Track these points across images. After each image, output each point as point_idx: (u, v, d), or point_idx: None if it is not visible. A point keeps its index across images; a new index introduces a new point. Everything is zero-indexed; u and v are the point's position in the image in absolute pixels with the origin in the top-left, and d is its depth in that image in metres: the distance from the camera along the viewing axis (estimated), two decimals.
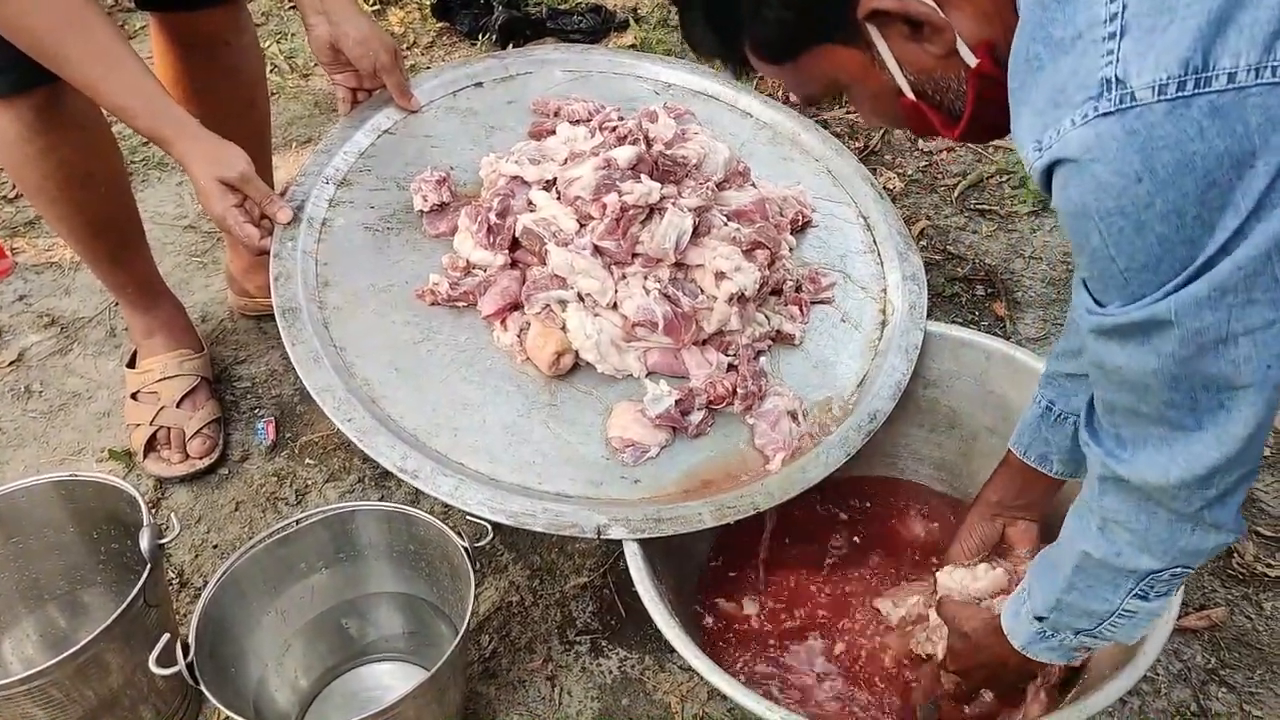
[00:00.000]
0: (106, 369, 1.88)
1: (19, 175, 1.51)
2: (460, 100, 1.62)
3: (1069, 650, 1.04)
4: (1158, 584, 0.93)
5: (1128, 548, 0.91)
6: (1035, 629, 1.04)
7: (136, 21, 2.98)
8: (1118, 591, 0.95)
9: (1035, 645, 1.06)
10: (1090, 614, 0.98)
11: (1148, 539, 0.89)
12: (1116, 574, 0.94)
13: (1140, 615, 0.97)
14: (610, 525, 1.16)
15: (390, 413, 1.23)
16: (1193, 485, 0.82)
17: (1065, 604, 0.99)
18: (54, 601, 1.41)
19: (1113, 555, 0.92)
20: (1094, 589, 0.96)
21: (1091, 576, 0.96)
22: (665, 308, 1.29)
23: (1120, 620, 0.97)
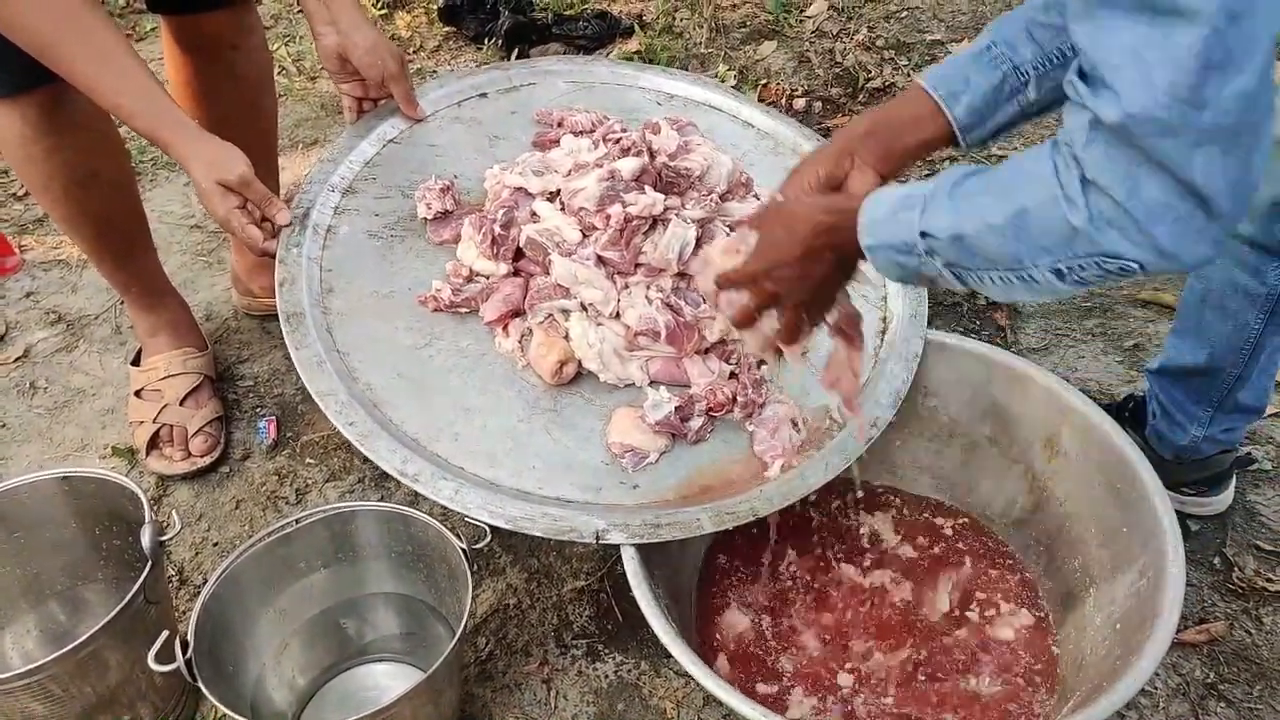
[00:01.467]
0: (111, 366, 1.89)
1: (25, 174, 1.52)
2: (465, 110, 1.63)
3: (915, 273, 0.95)
4: (1093, 269, 0.83)
5: (1100, 215, 0.81)
6: (908, 239, 0.92)
7: (147, 23, 2.99)
8: (1046, 253, 0.85)
9: (887, 252, 0.95)
10: (991, 260, 0.88)
11: (1129, 211, 0.79)
12: (1065, 238, 0.83)
13: (1035, 287, 0.88)
14: (609, 530, 1.17)
15: (392, 417, 1.23)
16: (1184, 96, 0.73)
17: (977, 239, 0.89)
18: (55, 597, 1.41)
19: (1083, 219, 0.81)
20: (1024, 241, 0.86)
21: (1035, 228, 0.85)
22: (668, 317, 1.30)
23: (1012, 280, 0.89)
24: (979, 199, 0.90)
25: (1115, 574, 1.27)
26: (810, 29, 2.83)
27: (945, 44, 2.73)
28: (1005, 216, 0.87)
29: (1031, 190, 0.85)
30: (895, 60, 2.69)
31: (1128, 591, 1.23)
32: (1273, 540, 1.55)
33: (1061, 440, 1.38)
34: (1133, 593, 1.22)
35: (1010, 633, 1.35)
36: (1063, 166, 0.83)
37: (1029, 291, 0.89)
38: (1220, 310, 1.37)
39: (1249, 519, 1.57)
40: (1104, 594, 1.28)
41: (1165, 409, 1.50)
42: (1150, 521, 1.23)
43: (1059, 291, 0.87)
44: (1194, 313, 1.41)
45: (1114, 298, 1.98)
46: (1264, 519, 1.58)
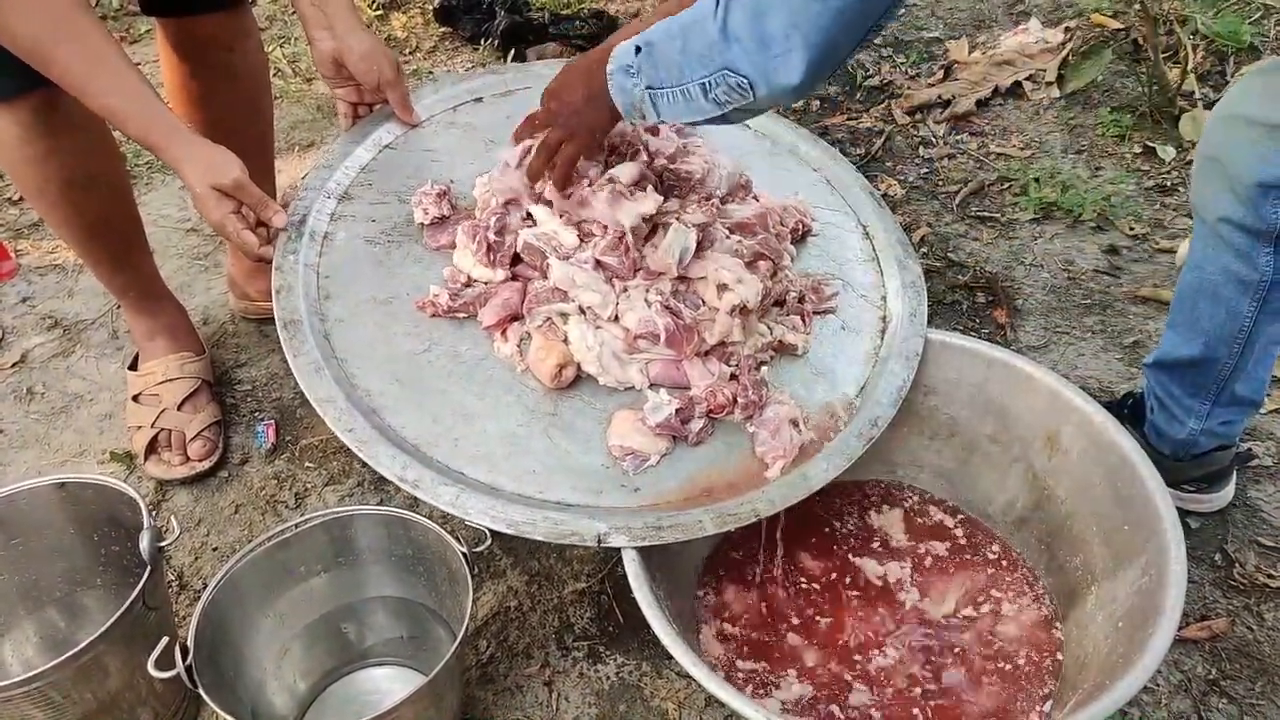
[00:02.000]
0: (108, 371, 1.89)
1: (19, 178, 1.51)
2: (460, 115, 1.62)
3: (631, 100, 1.11)
4: (721, 85, 1.01)
5: (730, 30, 0.98)
6: (629, 61, 1.10)
7: (142, 25, 2.99)
8: (698, 69, 1.02)
9: (617, 77, 1.12)
10: (665, 70, 1.06)
11: (747, 36, 0.97)
12: (706, 50, 1.01)
13: (691, 104, 1.05)
14: (611, 533, 1.17)
15: (391, 423, 1.23)
16: None
17: (658, 48, 1.06)
18: (54, 603, 1.41)
19: (716, 29, 1.00)
20: (687, 53, 1.03)
21: (692, 39, 1.03)
22: (667, 320, 1.29)
23: (677, 97, 1.05)
24: (679, 17, 1.06)
25: (1117, 571, 1.27)
26: None
27: (943, 41, 2.73)
28: (678, 26, 1.05)
29: (700, 4, 1.03)
30: (893, 58, 2.69)
31: (1129, 589, 1.23)
32: (1274, 536, 1.54)
33: (1062, 438, 1.38)
34: (1134, 590, 1.22)
35: (1012, 631, 1.35)
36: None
37: (687, 108, 1.06)
38: (1213, 299, 1.37)
39: (1250, 515, 1.57)
40: (1105, 592, 1.28)
41: (1162, 403, 1.50)
42: (1151, 519, 1.23)
43: (704, 109, 1.04)
44: (1188, 303, 1.42)
45: (1113, 295, 1.99)
46: (1265, 515, 1.58)
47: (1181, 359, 1.44)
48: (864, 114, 2.51)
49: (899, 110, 2.49)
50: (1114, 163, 2.32)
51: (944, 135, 2.42)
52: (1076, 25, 2.66)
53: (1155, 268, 2.04)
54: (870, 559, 1.44)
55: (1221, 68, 2.48)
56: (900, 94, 2.55)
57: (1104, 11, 2.69)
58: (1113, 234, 2.13)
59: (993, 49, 2.62)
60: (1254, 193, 1.26)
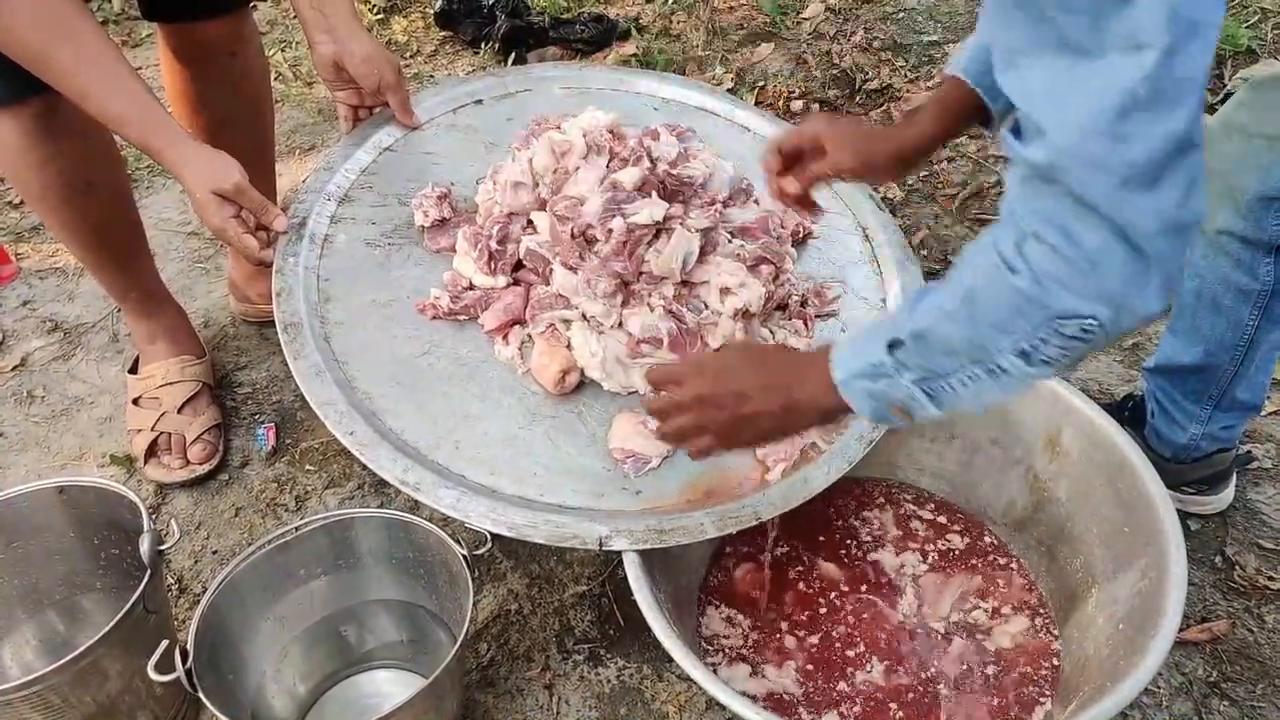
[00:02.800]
0: (109, 374, 1.89)
1: (21, 183, 1.51)
2: (460, 117, 1.63)
3: (886, 404, 0.92)
4: (1054, 338, 0.80)
5: (1043, 272, 0.78)
6: (876, 360, 0.91)
7: (143, 30, 2.99)
8: (1004, 333, 0.82)
9: (859, 381, 0.93)
10: (953, 354, 0.86)
11: (1070, 259, 0.76)
12: (1015, 307, 0.81)
13: (1008, 378, 0.84)
14: (612, 536, 1.16)
15: (392, 426, 1.23)
16: (1104, 129, 0.71)
17: (936, 331, 0.87)
18: (53, 607, 1.41)
19: (1026, 279, 0.79)
20: (978, 324, 0.84)
21: (986, 304, 0.83)
22: (670, 324, 1.29)
23: (981, 376, 0.86)
24: (934, 295, 0.89)
25: (1117, 574, 1.27)
26: (807, 31, 2.84)
27: (942, 44, 2.73)
28: (957, 301, 0.86)
29: (976, 267, 0.85)
30: (892, 62, 2.69)
31: (1130, 591, 1.23)
32: (1274, 539, 1.54)
33: (1062, 440, 1.38)
34: (1135, 592, 1.22)
35: (1012, 633, 1.35)
36: (1001, 233, 0.82)
37: (1000, 386, 0.86)
38: (1214, 307, 1.37)
39: (1250, 518, 1.57)
40: (1106, 594, 1.28)
41: (1163, 407, 1.50)
42: (1151, 521, 1.23)
43: (1028, 377, 0.84)
44: (1188, 310, 1.41)
45: None
46: (1265, 517, 1.58)
47: (1182, 365, 1.44)
48: (863, 117, 2.51)
49: (898, 113, 2.49)
50: None
51: None
52: None
53: None
54: (870, 560, 1.44)
55: (1219, 71, 2.48)
56: (899, 97, 2.55)
57: None
58: None
59: None
60: (1256, 205, 1.26)
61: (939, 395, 0.90)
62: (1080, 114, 0.72)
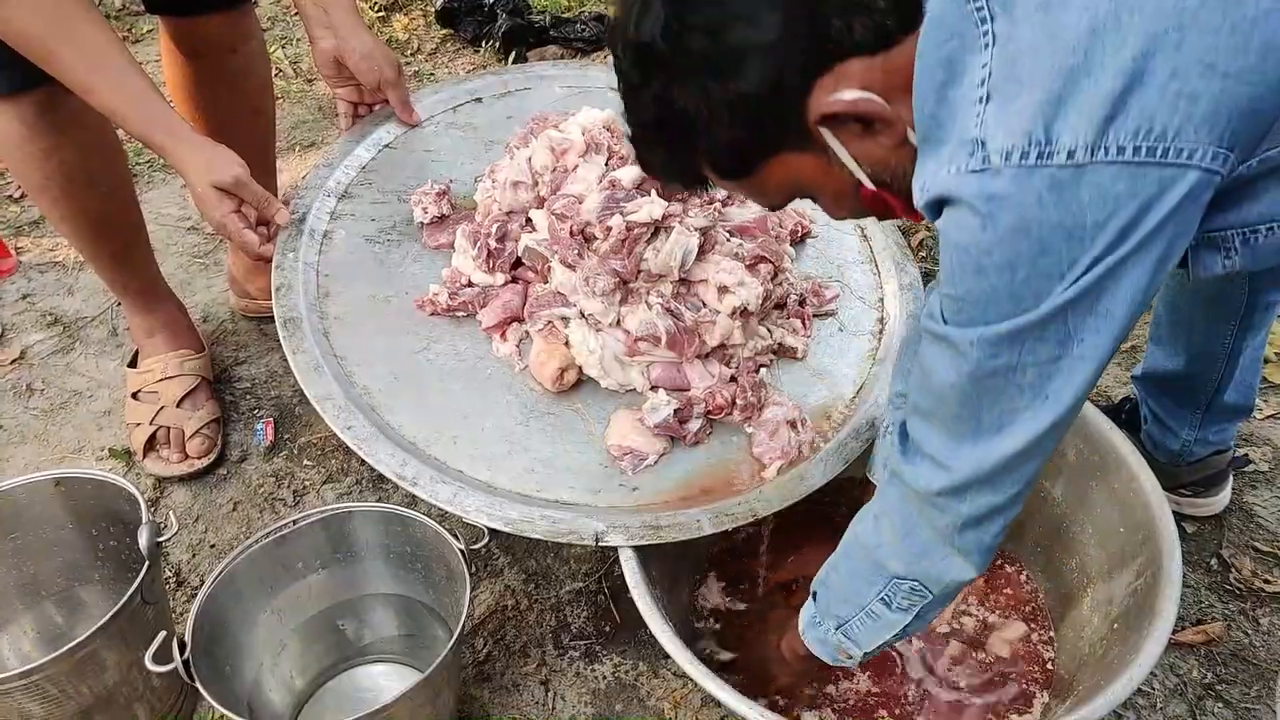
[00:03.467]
0: (108, 368, 1.89)
1: (22, 175, 1.51)
2: (460, 115, 1.63)
3: (831, 646, 1.09)
4: (898, 594, 0.99)
5: (886, 544, 0.98)
6: (811, 612, 1.10)
7: (144, 25, 3.00)
8: (871, 587, 1.01)
9: (809, 631, 1.11)
10: (847, 601, 1.04)
11: (904, 542, 0.96)
12: (872, 567, 1.00)
13: (881, 622, 1.02)
14: (609, 532, 1.17)
15: (390, 421, 1.23)
16: (949, 494, 0.89)
17: (831, 584, 1.07)
18: (51, 598, 1.41)
19: (873, 545, 1.00)
20: (855, 576, 1.03)
21: (855, 561, 1.03)
22: (668, 322, 1.30)
23: (865, 620, 1.03)
24: (839, 550, 1.08)
25: (1113, 574, 1.28)
26: None
27: None
28: (838, 555, 1.07)
29: (855, 527, 1.05)
30: None
31: (1125, 591, 1.23)
32: (1269, 541, 1.55)
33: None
34: (1130, 593, 1.22)
35: (1007, 632, 1.36)
36: (872, 507, 1.02)
37: (882, 626, 1.03)
38: (1189, 325, 1.38)
39: (1246, 520, 1.58)
40: (1101, 594, 1.28)
41: (1155, 415, 1.50)
42: (1147, 522, 1.23)
43: (893, 621, 1.01)
44: (1168, 320, 1.42)
45: None
46: (1261, 520, 1.58)
47: (1167, 373, 1.45)
48: None
49: None
50: None
51: None
52: None
53: None
54: None
55: None
56: None
57: None
58: None
59: None
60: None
61: (852, 637, 1.06)
62: (935, 480, 0.90)
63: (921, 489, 0.92)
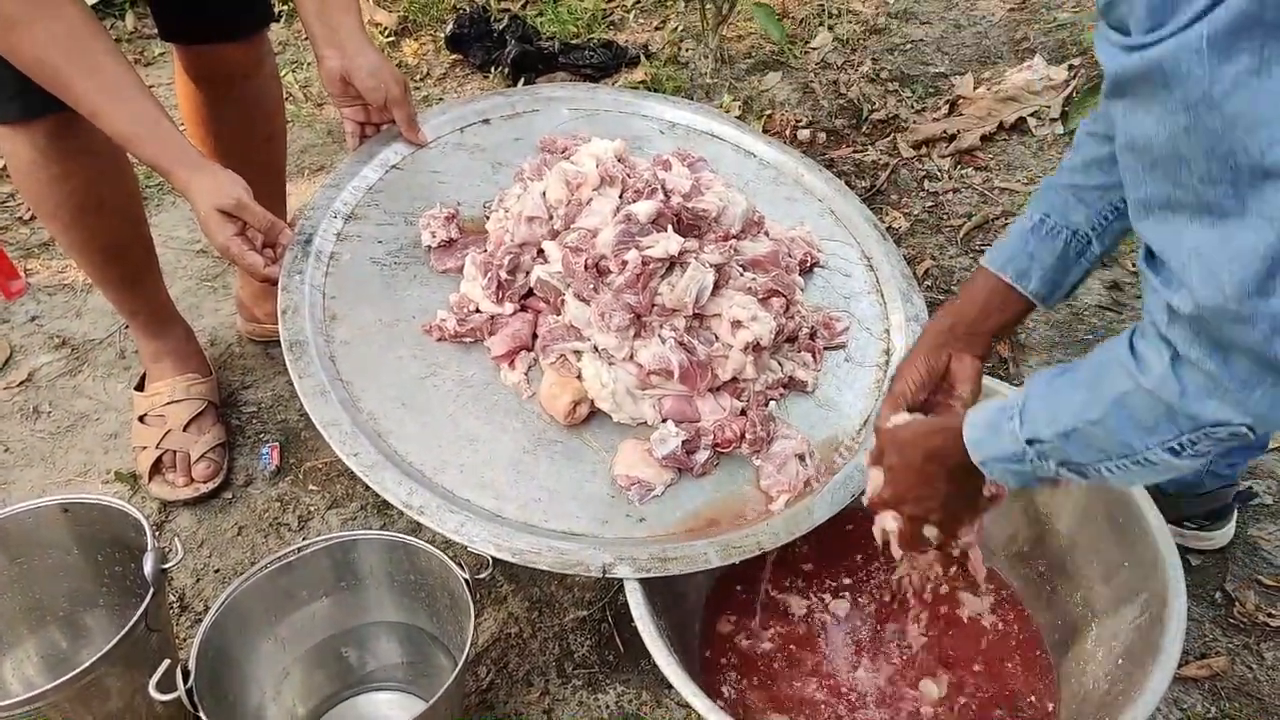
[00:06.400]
0: (115, 391, 1.90)
1: (34, 200, 1.53)
2: (468, 136, 1.64)
3: (1034, 477, 0.96)
4: (1205, 440, 0.83)
5: (1196, 389, 0.80)
6: (1016, 449, 0.95)
7: (156, 48, 3.02)
8: (1153, 435, 0.85)
9: (1002, 464, 0.97)
10: (1103, 450, 0.89)
11: (1222, 382, 0.78)
12: (1166, 417, 0.83)
13: (1156, 469, 0.87)
14: (616, 564, 1.17)
15: (396, 448, 1.23)
16: (1252, 291, 0.72)
17: (1081, 433, 0.90)
18: (56, 623, 1.41)
19: (1176, 395, 0.81)
20: (1128, 427, 0.86)
21: (1134, 412, 0.85)
22: (681, 356, 1.29)
23: (1130, 466, 0.89)
24: (1072, 397, 0.91)
25: (1117, 608, 1.27)
26: (815, 60, 2.86)
27: (949, 76, 2.76)
28: (1101, 410, 0.88)
29: (1119, 379, 0.86)
30: (899, 92, 2.71)
31: (1129, 626, 1.23)
32: (1274, 575, 1.54)
33: None
34: (1134, 627, 1.22)
35: (1011, 666, 1.35)
36: (1147, 349, 0.84)
37: (1152, 473, 0.88)
38: None
39: (1250, 554, 1.57)
40: (1106, 628, 1.28)
41: None
42: (1152, 556, 1.23)
43: (1181, 468, 0.87)
44: None
45: (1116, 331, 1.99)
46: (1265, 554, 1.58)
47: None
48: (869, 147, 2.53)
49: (904, 144, 2.51)
50: None
51: (949, 169, 2.44)
52: (1080, 63, 2.68)
53: None
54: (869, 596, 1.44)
55: None
56: (905, 128, 2.57)
57: None
58: (1115, 270, 2.14)
59: (998, 85, 2.65)
60: None
61: (1087, 474, 0.93)
62: (1224, 278, 0.73)
63: (1211, 302, 0.74)
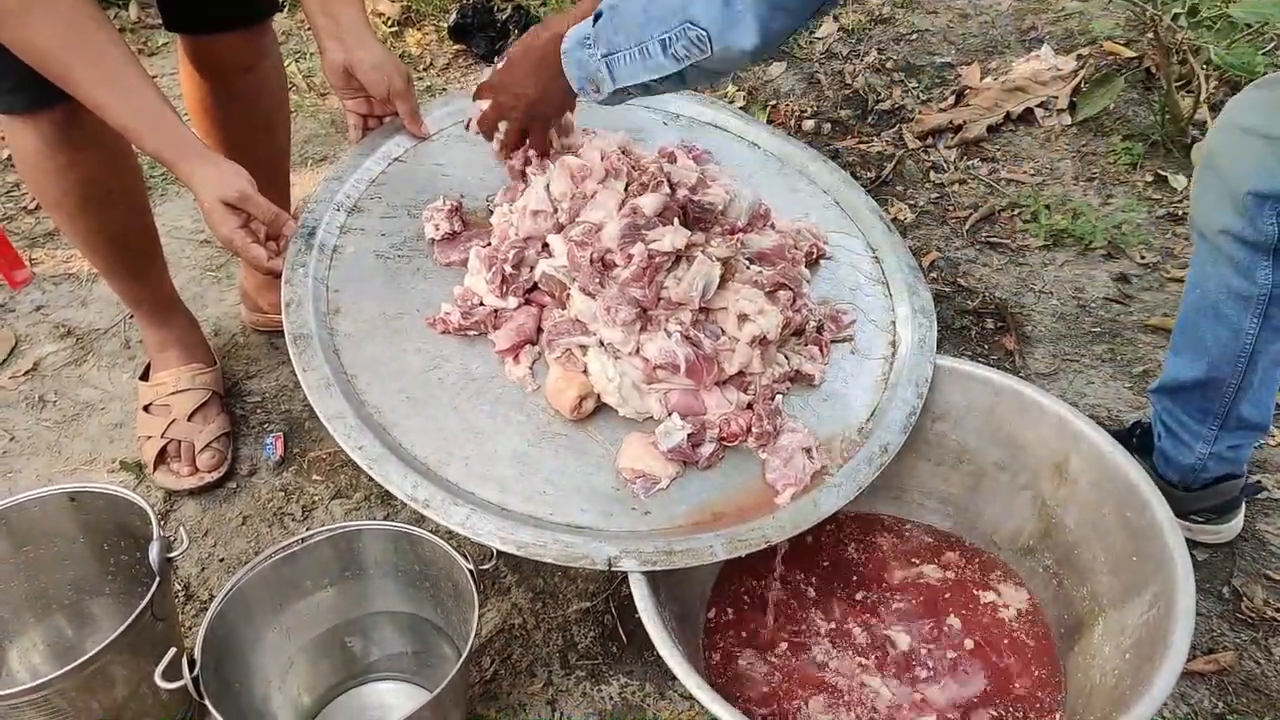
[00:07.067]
0: (120, 380, 1.90)
1: (39, 190, 1.53)
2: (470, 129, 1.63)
3: (586, 73, 1.17)
4: (681, 40, 1.05)
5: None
6: (585, 32, 1.15)
7: (159, 38, 3.02)
8: (658, 26, 1.08)
9: (573, 53, 1.17)
10: (628, 33, 1.10)
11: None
12: (671, 10, 1.05)
13: (648, 64, 1.12)
14: (621, 557, 1.16)
15: (401, 441, 1.23)
16: None
17: (622, 10, 1.11)
18: (62, 611, 1.42)
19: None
20: (649, 8, 1.08)
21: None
22: (687, 350, 1.29)
23: (635, 57, 1.10)
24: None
25: (1125, 602, 1.27)
26: (820, 50, 2.85)
27: (955, 67, 2.74)
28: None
29: None
30: (905, 83, 2.70)
31: (1137, 620, 1.23)
32: None
33: (1070, 467, 1.38)
34: (1142, 621, 1.22)
35: (1018, 661, 1.35)
36: None
37: (644, 67, 1.11)
38: (1215, 317, 1.38)
39: (1258, 548, 1.57)
40: (1113, 622, 1.28)
41: (1170, 429, 1.50)
42: (1160, 550, 1.23)
43: (662, 66, 1.09)
44: (1190, 324, 1.42)
45: (1123, 323, 1.99)
46: (1273, 548, 1.57)
47: (1186, 382, 1.45)
48: (875, 138, 2.52)
49: (910, 135, 2.50)
50: (1125, 191, 2.33)
51: (955, 160, 2.43)
52: (1089, 53, 2.67)
53: (1165, 297, 2.04)
54: (875, 587, 1.44)
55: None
56: (912, 118, 2.56)
57: (1117, 40, 2.70)
58: (1123, 262, 2.13)
59: (1005, 75, 2.63)
60: (1249, 202, 1.27)
61: (614, 68, 1.14)
62: None
63: None
